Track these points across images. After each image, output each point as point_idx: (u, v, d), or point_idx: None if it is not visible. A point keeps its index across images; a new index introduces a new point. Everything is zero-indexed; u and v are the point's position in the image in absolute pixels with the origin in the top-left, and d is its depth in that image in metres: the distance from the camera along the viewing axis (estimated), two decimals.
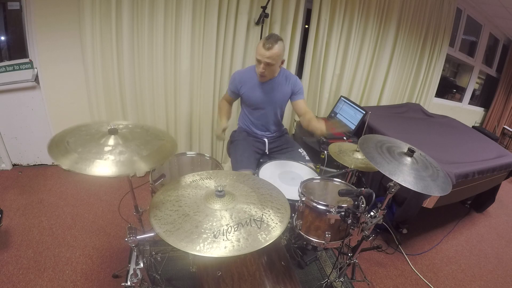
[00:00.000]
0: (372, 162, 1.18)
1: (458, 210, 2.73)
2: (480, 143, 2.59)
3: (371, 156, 1.21)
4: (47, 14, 2.06)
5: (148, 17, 2.13)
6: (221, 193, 1.02)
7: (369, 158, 1.20)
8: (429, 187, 1.15)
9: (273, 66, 1.66)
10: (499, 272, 2.06)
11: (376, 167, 1.16)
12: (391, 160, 1.21)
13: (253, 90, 1.80)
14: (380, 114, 2.81)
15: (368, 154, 1.22)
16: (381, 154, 1.24)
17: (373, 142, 1.34)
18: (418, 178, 1.16)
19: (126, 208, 2.11)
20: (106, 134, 1.03)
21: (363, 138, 1.36)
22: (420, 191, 1.12)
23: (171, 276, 1.64)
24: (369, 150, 1.25)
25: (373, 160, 1.19)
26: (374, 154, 1.23)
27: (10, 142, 2.44)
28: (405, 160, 1.24)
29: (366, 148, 1.27)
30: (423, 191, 1.13)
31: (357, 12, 2.65)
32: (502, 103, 4.36)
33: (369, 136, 1.41)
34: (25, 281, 1.52)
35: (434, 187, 1.16)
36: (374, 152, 1.24)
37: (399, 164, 1.20)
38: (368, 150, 1.25)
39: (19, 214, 2.00)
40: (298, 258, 1.79)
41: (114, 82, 2.26)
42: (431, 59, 3.30)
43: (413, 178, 1.15)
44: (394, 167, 1.18)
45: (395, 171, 1.15)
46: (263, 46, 1.59)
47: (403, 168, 1.18)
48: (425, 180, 1.17)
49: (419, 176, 1.17)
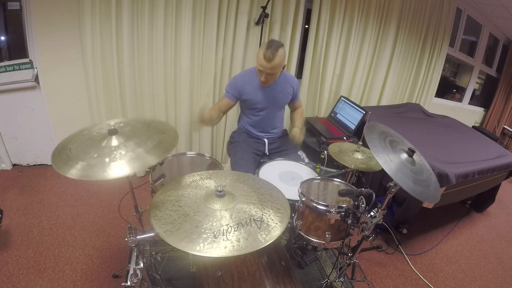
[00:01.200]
0: (371, 150, 1.17)
1: (458, 210, 2.73)
2: (480, 143, 2.59)
3: (373, 145, 1.19)
4: (47, 14, 2.06)
5: (148, 17, 2.13)
6: (221, 193, 1.02)
7: (370, 145, 1.18)
8: (424, 193, 1.14)
9: (275, 75, 1.67)
10: (499, 272, 2.06)
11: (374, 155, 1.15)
12: (390, 154, 1.20)
13: (255, 93, 1.79)
14: (380, 114, 2.81)
15: (371, 142, 1.20)
16: (381, 145, 1.22)
17: (378, 131, 1.31)
18: (416, 183, 1.15)
19: (126, 208, 2.11)
20: (106, 136, 1.02)
21: (368, 125, 1.33)
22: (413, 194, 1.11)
23: (171, 276, 1.64)
24: (372, 138, 1.23)
25: (372, 148, 1.17)
26: (375, 143, 1.21)
27: (10, 142, 2.44)
28: (402, 156, 1.22)
29: (370, 135, 1.24)
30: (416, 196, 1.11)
31: (357, 12, 2.65)
32: (502, 103, 4.36)
33: (375, 124, 1.38)
34: (25, 281, 1.52)
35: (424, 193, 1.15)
36: (376, 142, 1.22)
37: (398, 162, 1.19)
38: (371, 138, 1.22)
39: (19, 214, 2.00)
40: (298, 258, 1.79)
41: (114, 82, 2.26)
42: (431, 59, 3.30)
43: (412, 182, 1.13)
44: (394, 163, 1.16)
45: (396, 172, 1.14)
46: (264, 58, 1.56)
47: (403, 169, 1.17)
48: (421, 185, 1.16)
49: (417, 180, 1.17)
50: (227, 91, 1.81)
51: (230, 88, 1.80)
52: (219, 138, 2.76)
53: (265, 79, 1.66)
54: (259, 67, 1.63)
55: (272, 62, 1.57)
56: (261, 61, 1.59)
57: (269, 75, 1.64)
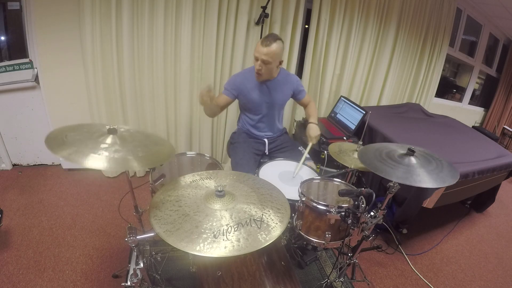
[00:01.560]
0: (378, 173, 1.19)
1: (458, 210, 2.73)
2: (480, 143, 2.58)
3: (374, 167, 1.22)
4: (47, 14, 2.06)
5: (148, 17, 2.13)
6: (221, 193, 1.02)
7: (373, 169, 1.22)
8: (442, 179, 1.17)
9: (270, 65, 1.66)
10: (499, 272, 2.06)
11: (382, 175, 1.18)
12: (395, 165, 1.22)
13: (252, 91, 1.79)
14: (380, 114, 2.81)
15: (371, 166, 1.24)
16: (382, 162, 1.25)
17: (371, 152, 1.35)
18: (431, 174, 1.18)
19: (126, 208, 2.11)
20: (105, 133, 1.04)
21: (360, 152, 1.38)
22: (438, 186, 1.14)
23: (171, 276, 1.64)
24: (370, 161, 1.27)
25: (377, 171, 1.20)
26: (377, 164, 1.24)
27: (10, 142, 2.44)
28: (409, 160, 1.25)
29: (367, 160, 1.28)
30: (440, 185, 1.14)
31: (357, 12, 2.65)
32: (502, 103, 4.36)
33: (366, 148, 1.42)
34: (25, 281, 1.53)
35: (444, 177, 1.18)
36: (376, 163, 1.26)
37: (407, 167, 1.21)
38: (369, 162, 1.27)
39: (19, 214, 2.00)
40: (298, 258, 1.79)
41: (114, 82, 2.26)
42: (431, 59, 3.29)
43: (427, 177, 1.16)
44: (403, 171, 1.19)
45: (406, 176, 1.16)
46: (261, 44, 1.60)
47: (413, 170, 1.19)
48: (434, 173, 1.19)
49: (429, 171, 1.19)
50: (225, 88, 1.82)
51: (229, 85, 1.81)
52: (219, 138, 2.76)
53: (260, 66, 1.65)
54: (255, 53, 1.64)
55: (268, 48, 1.58)
56: (258, 47, 1.61)
57: (264, 63, 1.63)
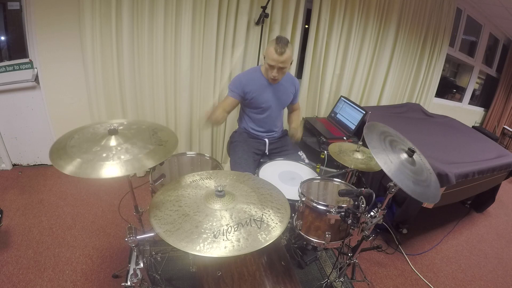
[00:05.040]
0: (370, 149, 1.17)
1: (458, 210, 2.73)
2: (480, 143, 2.59)
3: (373, 146, 1.19)
4: (47, 14, 2.06)
5: (148, 17, 2.13)
6: (221, 193, 1.02)
7: (370, 146, 1.18)
8: (424, 195, 1.14)
9: (285, 69, 1.68)
10: (499, 272, 2.06)
11: (374, 155, 1.15)
12: (390, 155, 1.20)
13: (262, 92, 1.78)
14: (380, 114, 2.81)
15: (371, 144, 1.20)
16: (381, 145, 1.22)
17: (378, 131, 1.31)
18: (417, 184, 1.15)
19: (126, 208, 2.11)
20: (106, 135, 1.03)
21: (368, 125, 1.33)
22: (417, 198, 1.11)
23: (171, 276, 1.64)
24: (371, 138, 1.23)
25: (373, 149, 1.17)
26: (375, 144, 1.21)
27: (10, 142, 2.44)
28: (406, 159, 1.22)
29: (370, 135, 1.24)
30: (418, 199, 1.12)
31: (357, 12, 2.65)
32: (502, 103, 4.36)
33: (374, 124, 1.37)
34: (25, 281, 1.52)
35: (427, 194, 1.15)
36: (375, 142, 1.22)
37: (400, 165, 1.18)
38: (371, 139, 1.22)
39: (19, 214, 2.00)
40: (298, 258, 1.79)
41: (114, 82, 2.26)
42: (431, 59, 3.30)
43: (412, 183, 1.13)
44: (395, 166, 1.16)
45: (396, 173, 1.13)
46: (275, 52, 1.58)
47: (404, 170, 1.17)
48: (421, 185, 1.16)
49: (417, 180, 1.16)
50: (231, 90, 1.77)
51: (235, 86, 1.76)
52: (219, 138, 2.76)
53: (277, 73, 1.67)
54: (271, 62, 1.63)
55: (284, 56, 1.59)
56: (273, 56, 1.60)
57: (281, 69, 1.66)
